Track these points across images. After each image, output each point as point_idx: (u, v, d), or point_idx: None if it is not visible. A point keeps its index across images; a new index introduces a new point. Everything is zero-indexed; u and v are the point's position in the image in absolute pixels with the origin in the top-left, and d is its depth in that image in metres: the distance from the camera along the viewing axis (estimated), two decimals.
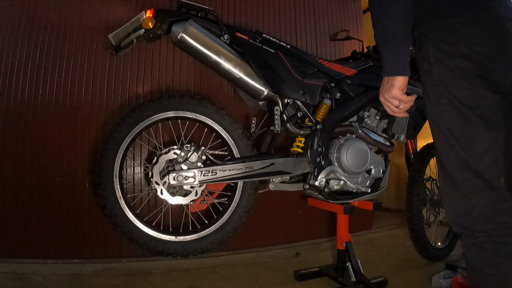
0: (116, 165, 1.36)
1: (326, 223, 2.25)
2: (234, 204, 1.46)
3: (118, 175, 1.36)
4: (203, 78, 1.94)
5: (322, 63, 1.59)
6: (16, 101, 1.67)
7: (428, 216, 1.88)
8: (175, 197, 1.41)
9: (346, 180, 1.51)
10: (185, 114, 1.43)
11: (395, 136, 1.72)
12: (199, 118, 1.44)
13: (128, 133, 1.38)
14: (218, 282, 1.55)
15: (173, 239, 1.39)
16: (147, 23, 1.31)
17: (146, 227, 1.38)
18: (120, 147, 1.37)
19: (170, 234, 1.41)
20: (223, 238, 1.44)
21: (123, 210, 1.35)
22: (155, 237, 1.38)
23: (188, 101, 1.43)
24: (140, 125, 1.39)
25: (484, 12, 0.83)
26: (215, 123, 1.45)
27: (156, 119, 1.41)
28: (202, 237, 1.42)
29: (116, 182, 1.35)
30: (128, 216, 1.35)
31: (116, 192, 1.35)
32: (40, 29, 1.71)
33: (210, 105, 1.45)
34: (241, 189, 1.48)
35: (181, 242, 1.39)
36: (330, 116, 1.52)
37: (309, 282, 1.57)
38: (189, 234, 1.42)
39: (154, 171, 1.40)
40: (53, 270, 1.55)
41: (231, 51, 1.40)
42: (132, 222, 1.35)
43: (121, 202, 1.35)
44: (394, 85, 0.90)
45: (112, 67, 1.79)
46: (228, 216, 1.45)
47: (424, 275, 1.63)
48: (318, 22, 2.36)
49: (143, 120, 1.39)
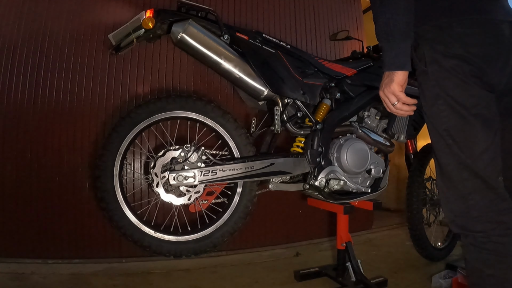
0: (117, 160, 1.37)
1: (326, 223, 2.25)
2: (234, 205, 1.46)
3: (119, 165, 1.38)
4: (203, 78, 1.94)
5: (322, 63, 1.59)
6: (16, 101, 1.67)
7: (428, 216, 1.88)
8: (168, 195, 1.40)
9: (346, 180, 1.51)
10: (189, 114, 1.44)
11: (395, 136, 1.72)
12: (204, 120, 1.45)
13: (133, 128, 1.38)
14: (218, 282, 1.55)
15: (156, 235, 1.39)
16: (147, 23, 1.31)
17: (134, 217, 1.37)
18: (124, 140, 1.37)
19: (151, 227, 1.40)
20: (218, 241, 1.44)
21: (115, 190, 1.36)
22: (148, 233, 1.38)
23: (195, 102, 1.43)
24: (146, 122, 1.40)
25: (479, 14, 0.83)
26: (220, 127, 1.46)
27: (165, 116, 1.42)
28: (181, 241, 1.41)
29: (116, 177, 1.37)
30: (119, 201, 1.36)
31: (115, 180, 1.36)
32: (40, 29, 1.71)
33: (216, 108, 1.46)
34: (241, 189, 1.48)
35: (158, 239, 1.39)
36: (330, 116, 1.52)
37: (309, 282, 1.57)
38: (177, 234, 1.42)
39: (157, 162, 1.40)
40: (53, 270, 1.55)
41: (231, 51, 1.40)
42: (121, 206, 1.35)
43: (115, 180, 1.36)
44: (394, 79, 0.90)
45: (112, 67, 1.79)
46: (228, 217, 1.45)
47: (424, 275, 1.63)
48: (318, 22, 2.36)
49: (151, 116, 1.39)
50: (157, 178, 1.39)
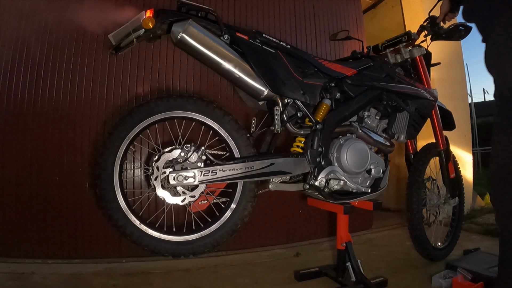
0: (117, 158, 1.36)
1: (326, 223, 2.25)
2: (234, 206, 1.46)
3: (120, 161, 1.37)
4: (203, 78, 1.94)
5: (322, 63, 1.58)
6: (16, 101, 1.67)
7: (428, 216, 1.88)
8: (163, 191, 1.40)
9: (346, 180, 1.51)
10: (190, 114, 1.44)
11: (395, 136, 1.72)
12: (204, 120, 1.45)
13: (134, 128, 1.37)
14: (218, 282, 1.55)
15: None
16: (147, 23, 1.31)
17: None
18: (124, 139, 1.37)
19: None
20: (216, 242, 1.43)
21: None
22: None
23: (196, 102, 1.43)
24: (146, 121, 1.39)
25: None
26: (221, 127, 1.45)
27: (166, 116, 1.41)
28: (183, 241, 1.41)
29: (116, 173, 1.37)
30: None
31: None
32: (40, 29, 1.71)
33: (218, 109, 1.46)
34: (241, 189, 1.47)
35: (158, 239, 1.39)
36: (330, 116, 1.52)
37: (309, 282, 1.57)
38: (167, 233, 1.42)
39: (162, 157, 1.40)
40: (53, 270, 1.55)
41: (231, 51, 1.40)
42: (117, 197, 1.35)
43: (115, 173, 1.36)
44: None
45: (112, 67, 1.79)
46: (228, 217, 1.45)
47: (424, 275, 1.63)
48: (318, 22, 2.36)
49: (152, 116, 1.39)
50: (158, 171, 1.39)
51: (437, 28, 1.78)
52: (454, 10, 1.62)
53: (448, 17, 1.67)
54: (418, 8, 3.11)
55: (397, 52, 1.87)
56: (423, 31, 1.85)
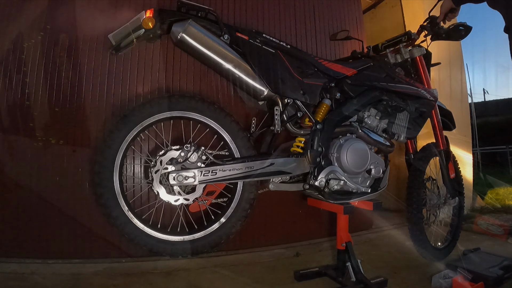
0: (118, 158, 1.37)
1: (326, 223, 2.25)
2: (234, 206, 1.46)
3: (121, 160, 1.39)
4: (203, 78, 1.94)
5: (322, 63, 1.59)
6: (17, 101, 1.67)
7: (428, 216, 1.88)
8: (160, 186, 1.40)
9: (346, 180, 1.51)
10: (190, 115, 1.44)
11: (395, 136, 1.72)
12: (204, 120, 1.45)
13: (135, 127, 1.39)
14: (218, 282, 1.54)
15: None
16: (147, 23, 1.31)
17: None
18: (125, 139, 1.38)
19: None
20: (214, 243, 1.44)
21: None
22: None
23: (197, 103, 1.43)
24: (147, 121, 1.40)
25: None
26: (221, 128, 1.46)
27: (166, 116, 1.42)
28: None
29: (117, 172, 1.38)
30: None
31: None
32: (40, 29, 1.71)
33: (218, 110, 1.46)
34: (241, 190, 1.47)
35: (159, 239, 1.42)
36: (330, 116, 1.52)
37: (309, 282, 1.57)
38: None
39: (168, 153, 1.41)
40: (53, 270, 1.55)
41: (231, 51, 1.40)
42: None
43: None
44: None
45: (112, 67, 1.79)
46: (227, 217, 1.45)
47: (424, 275, 1.63)
48: (318, 22, 2.36)
49: (152, 116, 1.40)
50: (160, 166, 1.39)
51: (437, 28, 1.78)
52: (454, 10, 1.63)
53: (448, 17, 1.67)
54: (418, 8, 3.11)
55: (397, 52, 1.87)
56: (423, 31, 1.85)
